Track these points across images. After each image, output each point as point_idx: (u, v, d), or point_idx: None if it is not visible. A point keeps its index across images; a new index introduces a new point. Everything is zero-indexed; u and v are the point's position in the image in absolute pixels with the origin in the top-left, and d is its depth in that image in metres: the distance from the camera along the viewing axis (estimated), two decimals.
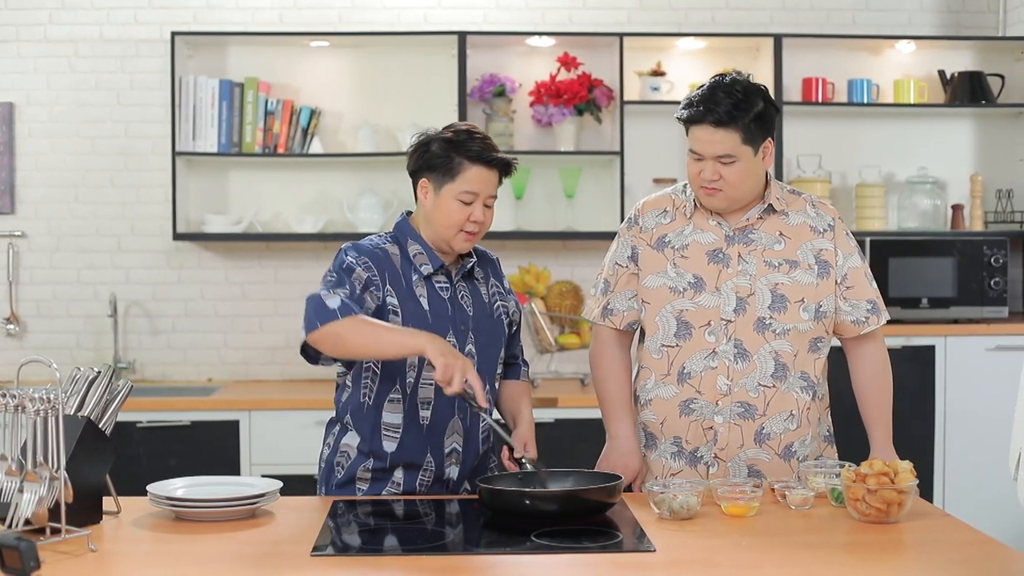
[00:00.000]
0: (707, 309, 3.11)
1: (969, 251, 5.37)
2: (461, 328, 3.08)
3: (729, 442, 3.11)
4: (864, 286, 3.18)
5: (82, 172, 5.64)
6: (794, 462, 3.12)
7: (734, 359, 3.09)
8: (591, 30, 5.69)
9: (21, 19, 5.60)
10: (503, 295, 3.23)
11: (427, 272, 3.06)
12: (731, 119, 2.99)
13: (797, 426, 3.13)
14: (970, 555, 2.51)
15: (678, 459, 3.17)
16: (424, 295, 3.05)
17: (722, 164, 3.03)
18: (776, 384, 3.10)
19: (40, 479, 2.45)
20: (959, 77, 5.64)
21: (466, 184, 3.01)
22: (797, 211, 3.18)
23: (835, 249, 3.16)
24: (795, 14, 5.82)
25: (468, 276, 3.16)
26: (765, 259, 3.12)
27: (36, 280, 5.64)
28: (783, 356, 3.10)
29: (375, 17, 5.70)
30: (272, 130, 5.51)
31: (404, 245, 3.09)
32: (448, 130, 3.08)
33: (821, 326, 3.14)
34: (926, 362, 5.22)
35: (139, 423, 5.01)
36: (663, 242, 3.18)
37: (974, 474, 5.20)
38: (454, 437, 3.09)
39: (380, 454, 3.06)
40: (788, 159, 5.66)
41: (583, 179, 5.64)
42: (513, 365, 3.30)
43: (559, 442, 4.96)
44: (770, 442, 3.11)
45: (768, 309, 3.10)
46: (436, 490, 3.08)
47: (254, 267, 5.71)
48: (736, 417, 3.10)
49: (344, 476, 3.10)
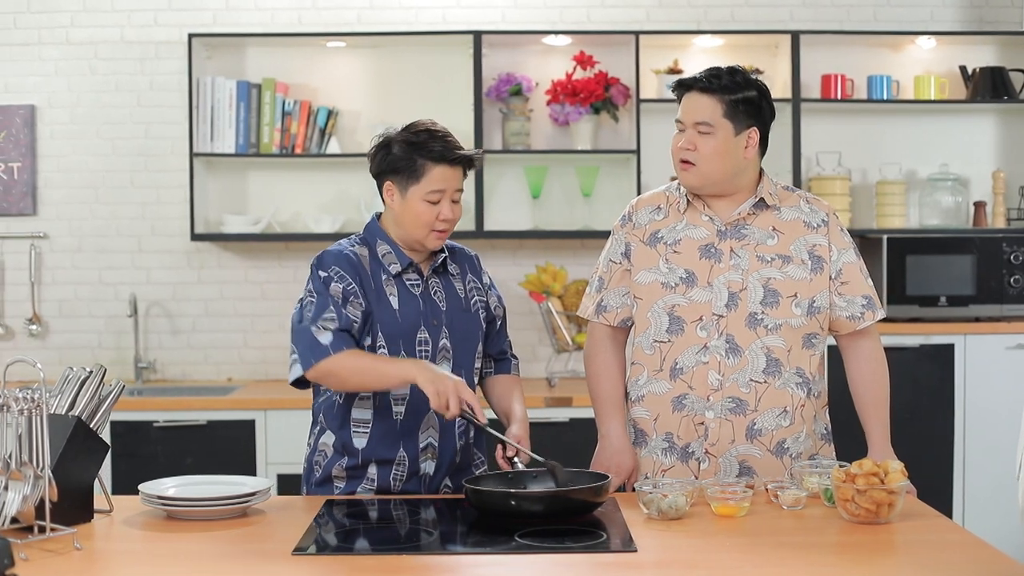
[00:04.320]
0: (699, 304, 3.11)
1: (989, 248, 5.31)
2: (434, 323, 3.11)
3: (720, 437, 3.10)
4: (859, 282, 3.16)
5: (103, 173, 5.69)
6: (787, 459, 3.10)
7: (725, 354, 3.08)
8: (609, 28, 5.68)
9: (43, 22, 5.65)
10: (481, 290, 3.25)
11: (395, 271, 3.10)
12: (718, 89, 3.05)
13: (790, 423, 3.10)
14: (960, 557, 2.48)
15: (669, 455, 3.16)
16: (394, 294, 3.09)
17: (699, 134, 3.05)
18: (768, 380, 3.08)
19: (25, 478, 2.47)
20: (981, 73, 5.58)
21: (431, 184, 3.04)
22: (790, 206, 3.17)
23: (829, 244, 3.14)
24: (815, 10, 5.78)
25: (441, 272, 3.19)
26: (758, 254, 3.11)
27: (58, 281, 5.70)
28: (775, 351, 3.08)
29: (393, 17, 5.71)
30: (290, 130, 5.53)
31: (373, 246, 3.13)
32: (408, 131, 3.09)
33: (815, 322, 3.12)
34: (945, 361, 5.16)
35: (156, 422, 5.05)
36: (656, 238, 3.18)
37: (994, 473, 5.14)
38: (429, 432, 3.11)
39: (352, 450, 3.10)
40: (807, 156, 5.62)
41: (600, 178, 5.63)
42: (502, 360, 3.32)
43: (573, 441, 4.95)
44: (762, 438, 3.10)
45: (760, 304, 3.08)
46: (412, 486, 3.11)
47: (273, 267, 5.74)
48: (727, 412, 3.09)
49: (321, 475, 3.15)
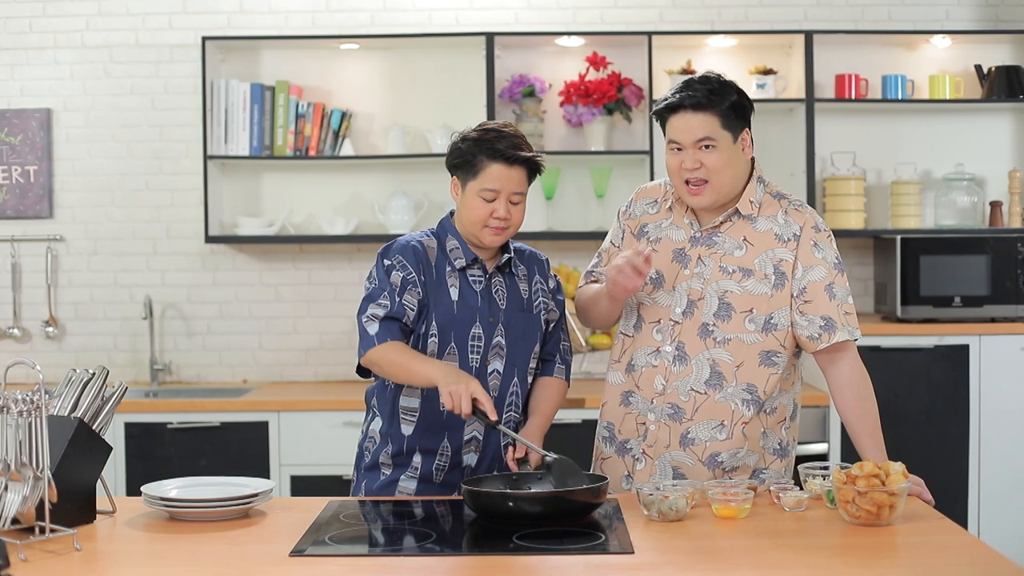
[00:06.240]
0: (660, 307, 3.12)
1: (1003, 248, 5.26)
2: (490, 320, 3.15)
3: (657, 440, 3.11)
4: (822, 301, 3.05)
5: (118, 176, 5.72)
6: (719, 471, 3.09)
7: (673, 360, 3.09)
8: (623, 28, 5.67)
9: (58, 26, 5.69)
10: (547, 293, 3.28)
11: (460, 265, 3.15)
12: (709, 103, 3.00)
13: (727, 437, 3.08)
14: (961, 559, 2.47)
15: (609, 445, 3.21)
16: (456, 286, 3.14)
17: (702, 151, 3.01)
18: (708, 392, 3.07)
19: (24, 479, 2.49)
20: (996, 71, 5.54)
21: (486, 182, 3.08)
22: (768, 216, 3.11)
23: (795, 261, 3.06)
24: (829, 10, 5.76)
25: (506, 271, 3.22)
26: (721, 264, 3.09)
27: (74, 283, 5.74)
28: (720, 365, 3.06)
29: (406, 19, 5.72)
30: (303, 133, 5.55)
31: (443, 239, 3.20)
32: (478, 128, 3.15)
33: (773, 339, 3.07)
34: (960, 362, 5.13)
35: (170, 424, 5.07)
36: (643, 231, 3.21)
37: (1010, 474, 5.11)
38: (475, 425, 3.15)
39: (398, 438, 3.16)
40: (822, 157, 5.59)
41: (613, 179, 5.63)
42: (548, 362, 3.33)
43: (585, 442, 4.92)
44: (694, 447, 3.09)
45: (713, 316, 3.07)
46: (453, 477, 3.15)
47: (287, 269, 5.75)
48: (666, 417, 3.10)
49: (370, 460, 3.23)
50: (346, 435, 4.95)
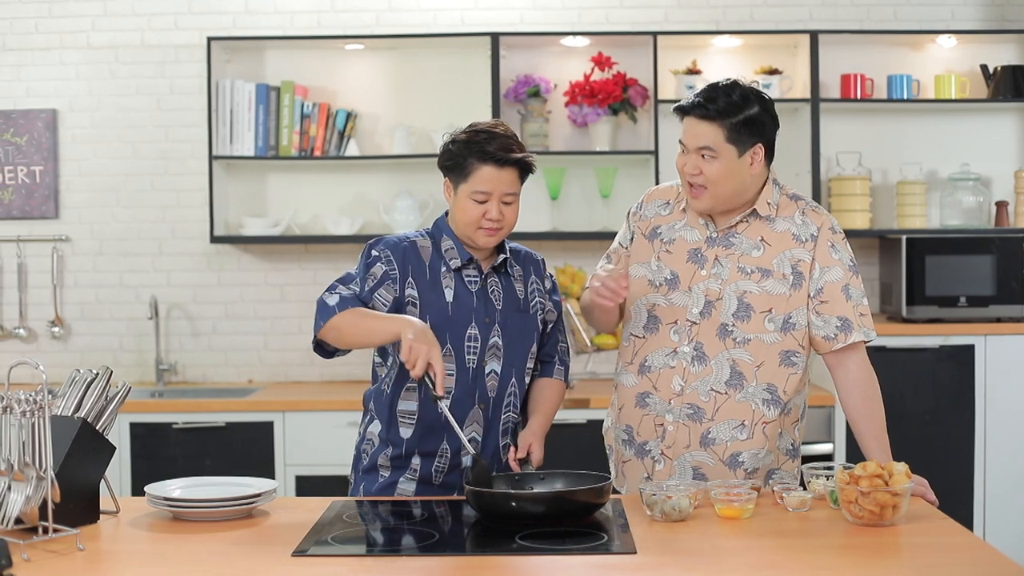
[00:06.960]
0: (676, 308, 3.12)
1: (1009, 248, 5.26)
2: (486, 320, 3.13)
3: (676, 441, 3.11)
4: (839, 302, 3.07)
5: (123, 177, 5.73)
6: (740, 472, 3.10)
7: (691, 361, 3.09)
8: (628, 28, 5.67)
9: (64, 27, 5.70)
10: (543, 293, 3.26)
11: (455, 265, 3.13)
12: (717, 115, 2.99)
13: (747, 437, 3.09)
14: (964, 560, 2.46)
15: (628, 448, 3.20)
16: (451, 287, 3.12)
17: (703, 159, 3.02)
18: (729, 392, 3.07)
19: (27, 479, 2.49)
20: (1002, 71, 5.53)
21: (477, 184, 3.06)
22: (785, 217, 3.12)
23: (812, 261, 3.08)
24: (834, 10, 5.75)
25: (501, 271, 3.20)
26: (739, 265, 3.09)
27: (80, 283, 5.75)
28: (740, 365, 3.07)
29: (411, 19, 5.72)
30: (308, 133, 5.55)
31: (438, 240, 3.17)
32: (468, 129, 3.11)
33: (792, 339, 3.09)
34: (965, 362, 5.12)
35: (175, 424, 5.08)
36: (655, 233, 3.20)
37: (1016, 474, 5.10)
38: (473, 427, 3.13)
39: (397, 441, 3.14)
40: (827, 157, 5.59)
41: (618, 179, 5.62)
42: (547, 363, 3.32)
43: (589, 443, 4.92)
44: (715, 447, 3.09)
45: (732, 316, 3.07)
46: (452, 479, 3.14)
47: (293, 269, 5.76)
48: (685, 418, 3.09)
49: (368, 463, 3.21)
50: (351, 435, 4.81)
